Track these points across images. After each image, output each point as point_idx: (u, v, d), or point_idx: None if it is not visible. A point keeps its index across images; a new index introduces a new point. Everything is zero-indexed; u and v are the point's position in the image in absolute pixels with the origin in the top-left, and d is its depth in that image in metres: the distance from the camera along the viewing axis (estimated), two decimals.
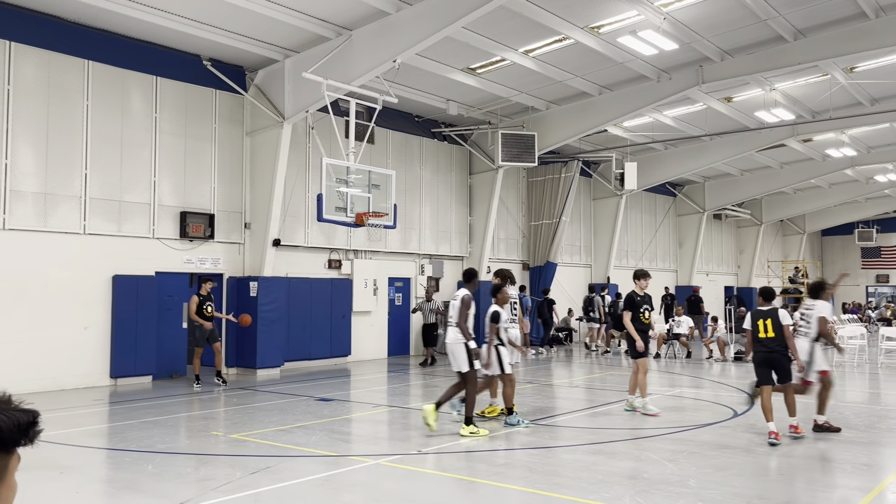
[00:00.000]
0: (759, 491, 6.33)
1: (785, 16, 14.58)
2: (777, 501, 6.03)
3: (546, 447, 8.24)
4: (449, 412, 9.53)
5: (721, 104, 20.10)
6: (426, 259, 20.37)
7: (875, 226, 40.03)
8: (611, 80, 18.01)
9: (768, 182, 29.66)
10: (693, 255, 30.83)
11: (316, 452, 7.88)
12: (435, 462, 7.48)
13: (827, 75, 18.11)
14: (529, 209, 23.70)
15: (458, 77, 16.81)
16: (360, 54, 13.95)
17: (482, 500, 6.24)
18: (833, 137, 24.30)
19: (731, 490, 6.32)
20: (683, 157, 25.13)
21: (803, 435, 8.50)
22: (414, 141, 19.96)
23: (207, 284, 13.69)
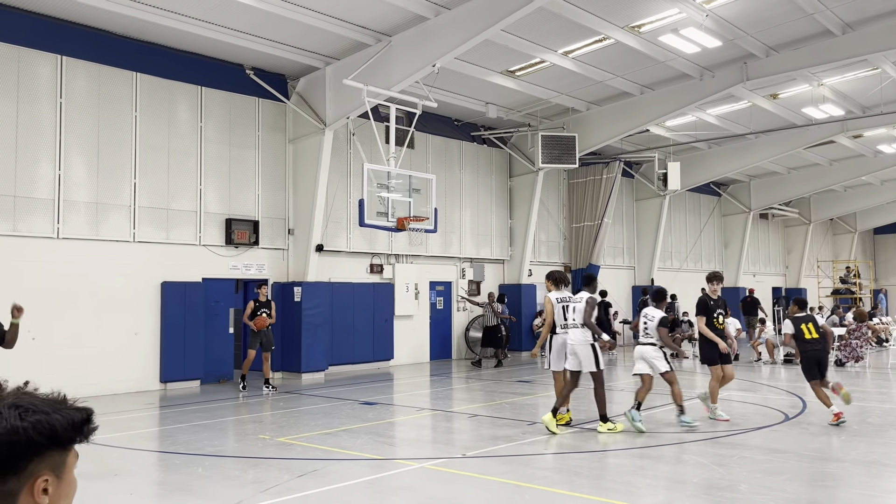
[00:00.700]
0: (812, 497, 6.17)
1: (832, 9, 14.23)
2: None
3: (593, 451, 8.16)
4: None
5: (766, 101, 19.69)
6: (467, 262, 20.36)
7: None
8: (652, 79, 17.79)
9: (817, 180, 28.91)
10: (739, 256, 30.22)
11: (361, 456, 7.93)
12: (480, 466, 7.47)
13: (877, 69, 17.60)
14: (571, 211, 23.52)
15: (497, 80, 16.79)
16: (399, 60, 14.04)
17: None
18: (885, 133, 23.60)
19: (783, 495, 6.17)
20: (728, 155, 24.67)
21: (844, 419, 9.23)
22: (454, 145, 20.00)
23: (264, 289, 13.61)
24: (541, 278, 22.19)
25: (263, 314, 13.19)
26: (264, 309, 13.26)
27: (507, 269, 21.47)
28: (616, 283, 24.71)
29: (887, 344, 21.08)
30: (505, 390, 13.59)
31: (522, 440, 8.74)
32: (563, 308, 9.41)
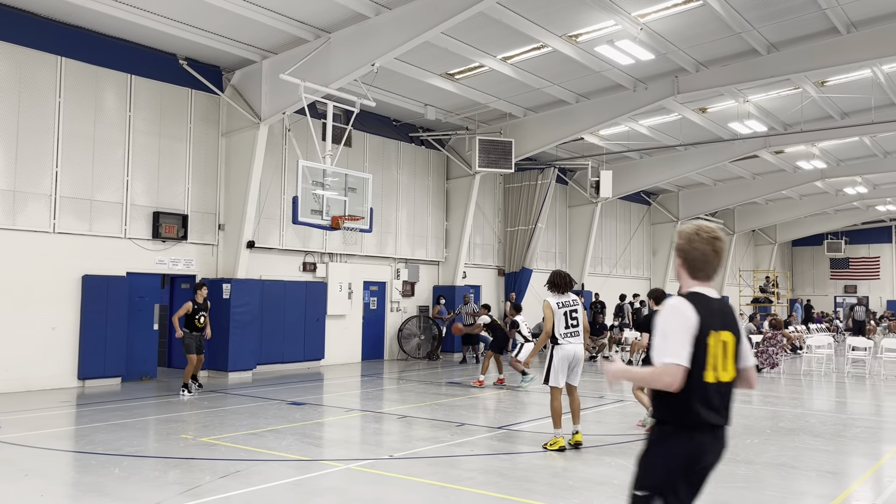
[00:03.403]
0: (724, 498, 6.41)
1: (759, 29, 14.82)
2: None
3: (519, 452, 8.27)
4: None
5: (696, 115, 20.36)
6: (402, 263, 20.34)
7: (844, 237, 40.84)
8: (588, 88, 18.16)
9: (741, 192, 30.08)
10: (667, 264, 31.13)
11: (287, 457, 7.82)
12: (406, 467, 7.47)
13: (799, 89, 18.44)
14: (506, 215, 23.78)
15: (437, 82, 16.84)
16: (338, 57, 13.93)
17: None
18: (804, 150, 24.73)
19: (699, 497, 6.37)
20: (658, 166, 25.40)
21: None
22: (391, 145, 19.95)
23: (203, 290, 12.85)
24: (475, 280, 22.44)
25: (202, 317, 12.65)
26: (203, 312, 12.70)
27: (441, 271, 21.54)
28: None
29: (801, 351, 22.09)
30: (436, 392, 13.63)
31: (451, 441, 8.79)
32: (567, 314, 8.36)
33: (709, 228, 3.21)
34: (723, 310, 3.15)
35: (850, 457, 8.47)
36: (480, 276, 22.88)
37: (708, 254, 3.13)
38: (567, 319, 8.35)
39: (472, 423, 10.36)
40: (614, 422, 10.67)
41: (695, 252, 3.15)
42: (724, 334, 3.08)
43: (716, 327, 3.08)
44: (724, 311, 3.16)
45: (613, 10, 13.50)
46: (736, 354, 3.17)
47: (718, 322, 3.10)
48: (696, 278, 3.18)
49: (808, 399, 13.54)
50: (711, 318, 3.09)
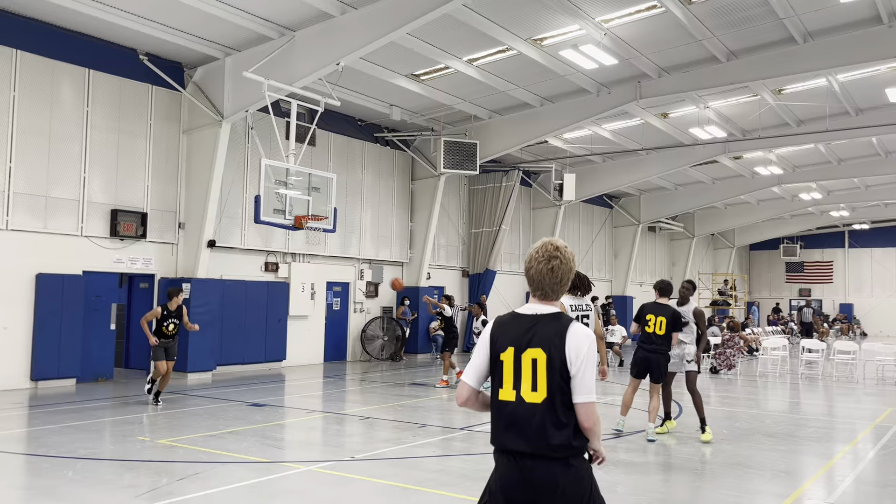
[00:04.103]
0: (683, 497, 6.51)
1: (719, 37, 15.11)
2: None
3: (481, 454, 8.29)
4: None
5: (657, 120, 20.67)
6: (366, 264, 20.25)
7: (799, 241, 41.84)
8: (552, 92, 18.31)
9: (701, 197, 30.62)
10: (628, 266, 31.53)
11: (247, 459, 7.72)
12: (368, 468, 7.43)
13: (757, 96, 18.84)
14: (470, 217, 23.85)
15: (402, 83, 16.81)
16: (302, 56, 13.81)
17: None
18: (762, 156, 25.28)
19: (657, 496, 6.48)
20: (620, 170, 25.72)
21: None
22: (356, 145, 19.85)
23: (179, 298, 11.41)
24: (440, 281, 22.46)
25: (171, 325, 11.29)
26: (174, 319, 11.31)
27: (406, 272, 21.50)
28: (511, 288, 25.22)
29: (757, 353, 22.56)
30: (398, 393, 13.59)
31: (413, 442, 8.77)
32: (578, 318, 7.61)
33: (546, 248, 3.02)
34: (536, 327, 2.88)
35: (803, 456, 8.67)
36: (445, 277, 22.90)
37: (541, 272, 2.97)
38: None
39: (435, 424, 10.37)
40: None
41: (530, 271, 3.04)
42: (532, 352, 2.82)
43: (515, 344, 2.87)
44: (539, 328, 2.88)
45: (578, 14, 13.63)
46: (553, 374, 2.80)
47: (520, 339, 2.87)
48: (533, 296, 3.03)
49: (764, 400, 13.83)
50: (509, 336, 2.91)
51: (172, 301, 11.40)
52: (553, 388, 2.80)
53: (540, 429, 2.79)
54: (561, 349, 2.81)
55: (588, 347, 2.83)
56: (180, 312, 11.47)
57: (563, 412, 2.81)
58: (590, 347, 2.84)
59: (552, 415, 2.80)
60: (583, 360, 2.81)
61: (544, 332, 2.86)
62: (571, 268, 3.03)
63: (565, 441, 2.79)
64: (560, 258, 3.00)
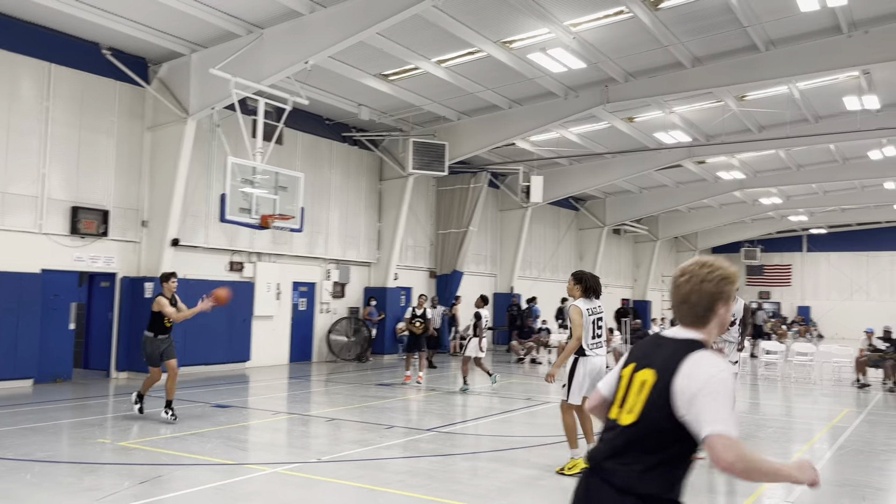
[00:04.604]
0: None
1: (685, 43, 15.34)
2: None
3: (449, 454, 8.30)
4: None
5: (623, 124, 20.91)
6: (333, 264, 20.13)
7: (759, 245, 42.71)
8: (520, 94, 18.41)
9: (665, 200, 31.06)
10: (593, 268, 31.81)
11: (211, 461, 7.62)
12: (335, 470, 7.39)
13: (721, 102, 19.18)
14: (438, 218, 23.86)
15: (371, 82, 16.75)
16: (270, 53, 13.68)
17: None
18: (724, 161, 25.74)
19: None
20: (587, 173, 25.97)
21: None
22: (324, 144, 19.73)
23: (172, 283, 10.01)
24: (407, 282, 22.42)
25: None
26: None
27: (373, 273, 21.42)
28: (478, 289, 25.25)
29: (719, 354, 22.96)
30: (365, 394, 13.54)
31: (380, 444, 8.74)
32: (594, 322, 7.55)
33: (680, 268, 2.70)
34: (661, 348, 2.60)
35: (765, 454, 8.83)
36: (412, 277, 22.87)
37: (672, 293, 2.69)
38: (594, 328, 7.52)
39: (402, 425, 10.35)
40: (542, 422, 10.84)
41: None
42: (645, 373, 2.55)
43: (636, 361, 2.65)
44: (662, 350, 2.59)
45: (547, 18, 13.73)
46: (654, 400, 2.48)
47: (642, 358, 2.64)
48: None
49: None
50: (636, 352, 2.73)
51: (166, 287, 9.90)
52: (647, 413, 2.48)
53: (617, 451, 2.52)
54: (671, 374, 2.46)
55: (710, 380, 2.40)
56: (176, 303, 9.99)
57: (652, 441, 2.46)
58: (713, 380, 2.41)
59: (637, 445, 2.48)
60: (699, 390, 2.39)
61: (664, 353, 2.56)
62: (706, 289, 2.59)
63: (639, 472, 2.44)
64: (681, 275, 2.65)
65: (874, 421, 11.45)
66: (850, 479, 7.47)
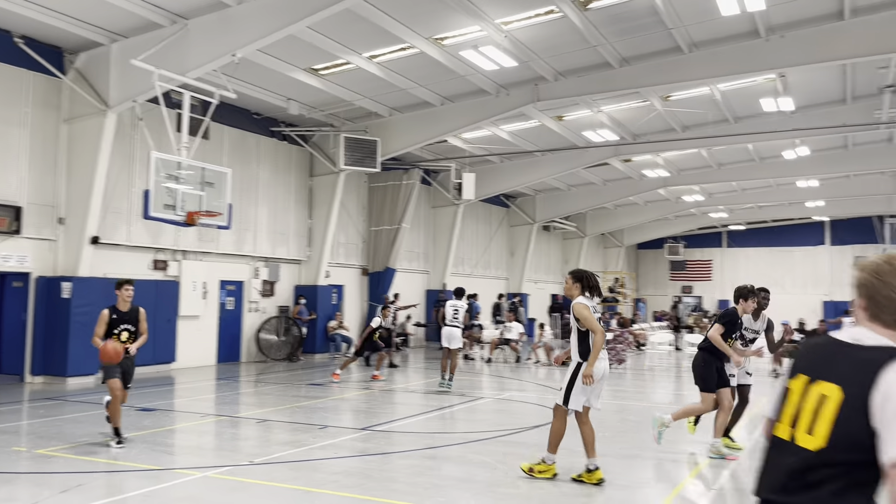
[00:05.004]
0: (583, 490, 6.70)
1: (613, 44, 15.67)
2: (600, 498, 6.42)
3: (384, 453, 8.23)
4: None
5: (553, 122, 21.22)
6: (262, 262, 19.70)
7: (682, 241, 44.15)
8: (452, 91, 18.43)
9: (592, 197, 31.73)
10: (523, 264, 32.26)
11: (136, 466, 7.32)
12: (268, 472, 7.22)
13: (646, 101, 19.70)
14: (370, 214, 23.68)
15: (301, 76, 16.46)
16: (196, 45, 13.26)
17: None
18: (649, 159, 26.47)
19: (557, 490, 6.64)
20: (517, 170, 26.25)
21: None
22: (251, 139, 19.27)
23: (126, 290, 8.44)
24: (339, 279, 22.16)
25: (125, 332, 8.38)
26: (127, 325, 8.41)
27: (303, 270, 21.08)
28: (411, 286, 25.26)
29: (644, 348, 23.62)
30: (296, 394, 13.30)
31: (313, 444, 8.59)
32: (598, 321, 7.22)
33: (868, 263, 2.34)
34: (843, 357, 2.23)
35: (690, 445, 9.11)
36: (344, 275, 22.63)
37: (860, 290, 2.32)
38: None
39: (336, 424, 10.21)
40: (478, 419, 10.89)
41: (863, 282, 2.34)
42: (821, 385, 2.21)
43: (807, 372, 2.30)
44: (846, 358, 2.22)
45: (479, 15, 13.78)
46: (846, 420, 2.12)
47: (817, 368, 2.28)
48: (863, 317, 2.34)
49: (652, 392, 14.48)
50: (805, 360, 2.37)
51: (122, 297, 8.43)
52: (838, 435, 2.13)
53: (805, 480, 2.18)
54: (867, 388, 2.10)
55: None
56: (136, 316, 8.51)
57: (846, 464, 2.12)
58: None
59: (825, 470, 2.15)
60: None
61: (850, 363, 2.21)
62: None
63: (830, 498, 2.12)
64: (860, 268, 2.33)
65: None
66: None
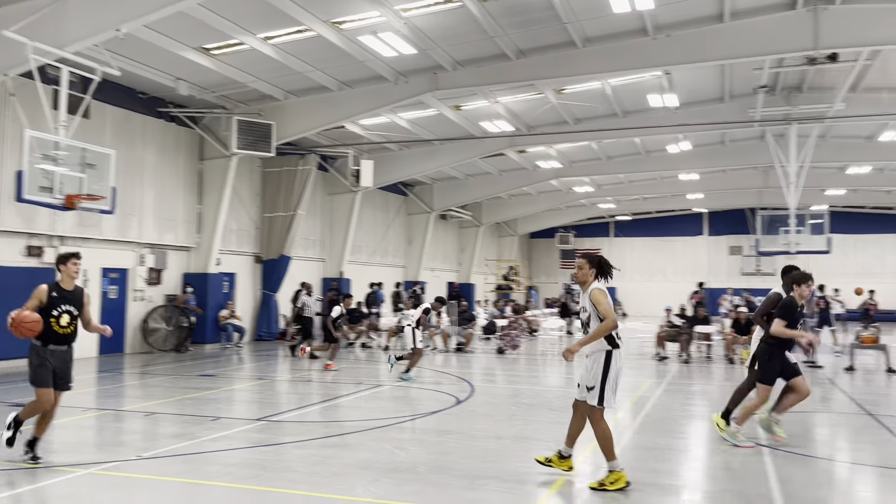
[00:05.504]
0: (480, 472, 6.83)
1: (510, 35, 15.93)
2: (496, 479, 6.57)
3: (280, 443, 8.07)
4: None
5: (451, 111, 21.37)
6: (147, 249, 18.81)
7: (572, 231, 45.70)
8: (351, 76, 18.20)
9: (488, 187, 32.25)
10: (420, 252, 32.41)
11: (13, 465, 6.84)
12: (157, 467, 6.93)
13: (541, 94, 20.18)
14: (264, 200, 23.06)
15: (191, 56, 15.77)
16: (76, 18, 12.42)
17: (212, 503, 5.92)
18: (543, 150, 27.16)
19: (455, 473, 6.74)
20: (416, 158, 26.28)
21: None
22: (137, 119, 18.31)
23: (72, 265, 7.04)
24: (231, 267, 21.46)
25: (66, 316, 6.96)
26: (69, 306, 7.00)
27: (193, 258, 20.29)
28: (308, 274, 24.80)
29: (537, 334, 24.29)
30: (185, 385, 12.82)
31: (206, 437, 8.32)
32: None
33: None
34: None
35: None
36: (236, 263, 21.96)
37: None
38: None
39: (229, 416, 9.94)
40: (372, 406, 10.88)
41: None
42: None
43: None
44: None
45: (378, 1, 13.66)
46: None
47: None
48: None
49: (545, 377, 14.94)
50: None
51: (68, 273, 7.01)
52: None
53: None
54: None
55: None
56: (81, 298, 7.16)
57: None
58: None
59: None
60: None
61: None
62: None
63: None
64: None
65: (673, 390, 12.66)
66: (656, 444, 8.21)
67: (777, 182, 24.53)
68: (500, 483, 6.49)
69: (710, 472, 7.05)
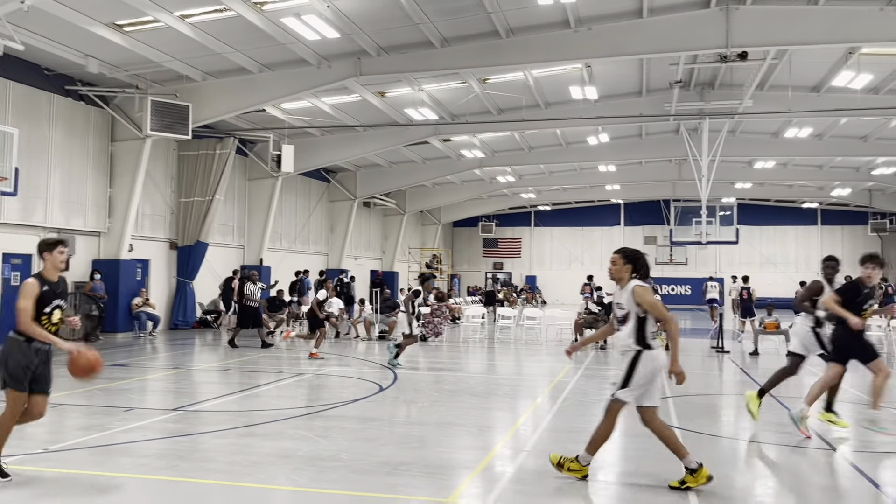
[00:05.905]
0: (402, 458, 6.86)
1: (435, 23, 15.91)
2: (419, 465, 6.61)
3: (197, 433, 7.87)
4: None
5: (375, 98, 21.21)
6: (54, 233, 17.90)
7: (495, 220, 46.25)
8: (272, 59, 17.79)
9: (412, 175, 32.22)
10: (343, 240, 32.11)
11: None
12: (67, 460, 6.64)
13: (465, 83, 20.27)
14: (180, 185, 22.32)
15: (102, 32, 15.05)
16: None
17: (125, 497, 5.72)
18: (467, 139, 27.32)
19: (378, 459, 6.74)
20: (339, 144, 25.98)
21: None
22: (42, 97, 17.36)
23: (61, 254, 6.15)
24: (144, 254, 20.68)
25: (56, 311, 6.21)
26: (59, 300, 6.22)
27: (103, 243, 19.45)
28: (225, 262, 24.20)
29: (460, 321, 24.51)
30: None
31: (119, 428, 8.03)
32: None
33: None
34: None
35: (501, 412, 9.65)
36: (150, 249, 21.20)
37: None
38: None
39: (143, 406, 9.62)
40: (293, 395, 10.75)
41: None
42: None
43: None
44: None
45: None
46: None
47: None
48: None
49: (467, 363, 15.10)
50: None
51: (54, 263, 6.15)
52: None
53: None
54: None
55: None
56: (66, 288, 6.39)
57: None
58: None
59: None
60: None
61: None
62: None
63: None
64: None
65: (589, 375, 13.03)
66: (575, 426, 8.43)
67: (690, 175, 25.53)
68: (423, 468, 6.53)
69: (625, 454, 7.30)
